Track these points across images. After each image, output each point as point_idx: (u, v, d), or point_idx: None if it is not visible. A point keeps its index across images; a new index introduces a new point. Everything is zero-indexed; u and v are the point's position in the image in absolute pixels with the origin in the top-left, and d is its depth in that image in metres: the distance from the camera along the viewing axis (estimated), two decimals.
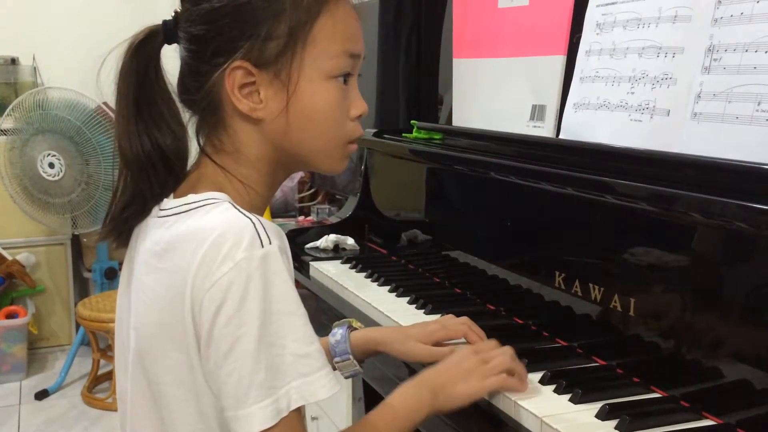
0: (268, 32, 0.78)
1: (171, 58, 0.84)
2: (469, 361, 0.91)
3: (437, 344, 1.01)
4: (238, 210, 0.76)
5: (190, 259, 0.73)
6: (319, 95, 0.81)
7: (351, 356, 1.02)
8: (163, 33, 0.82)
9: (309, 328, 0.75)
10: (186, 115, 0.84)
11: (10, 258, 3.18)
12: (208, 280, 0.72)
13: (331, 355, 1.02)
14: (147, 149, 0.80)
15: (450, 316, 1.07)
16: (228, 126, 0.82)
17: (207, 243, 0.72)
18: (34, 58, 3.39)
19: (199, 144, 0.85)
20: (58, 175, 2.99)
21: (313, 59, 0.79)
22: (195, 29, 0.79)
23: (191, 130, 0.85)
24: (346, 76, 0.83)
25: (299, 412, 0.75)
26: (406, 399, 0.87)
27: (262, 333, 0.71)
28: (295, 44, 0.78)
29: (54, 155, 2.98)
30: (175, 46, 0.83)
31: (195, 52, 0.80)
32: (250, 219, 0.74)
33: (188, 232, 0.75)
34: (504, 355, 0.93)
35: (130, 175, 0.82)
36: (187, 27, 0.80)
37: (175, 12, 0.82)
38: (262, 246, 0.72)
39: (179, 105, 0.83)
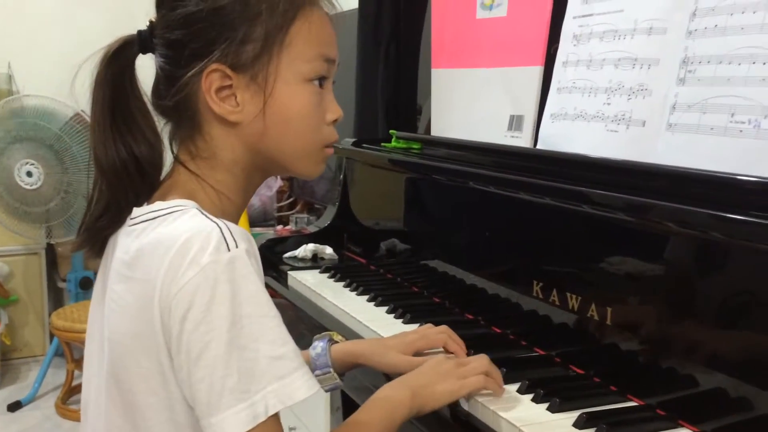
0: (244, 35, 0.78)
1: (144, 68, 0.84)
2: (447, 364, 0.93)
3: (417, 354, 1.01)
4: (205, 215, 0.76)
5: (157, 266, 0.73)
6: (296, 98, 0.81)
7: (332, 369, 1.01)
8: (138, 42, 0.82)
9: (282, 329, 0.74)
10: (161, 125, 0.84)
11: None
12: (175, 286, 0.71)
13: (312, 368, 1.02)
14: (122, 157, 0.80)
15: (428, 325, 1.07)
16: (204, 131, 0.82)
17: (174, 249, 0.72)
18: (9, 66, 3.35)
19: (172, 152, 0.85)
20: (36, 183, 2.95)
21: (290, 62, 0.80)
22: (172, 34, 0.79)
23: (166, 139, 0.85)
24: (321, 80, 0.83)
25: (278, 417, 0.74)
26: (388, 396, 0.88)
27: (232, 337, 0.71)
28: (271, 47, 0.79)
29: (32, 164, 2.94)
30: (149, 55, 0.83)
31: (171, 57, 0.80)
32: (216, 224, 0.74)
33: (155, 240, 0.75)
34: (481, 359, 0.94)
35: (106, 184, 0.81)
36: (163, 33, 0.80)
37: (150, 21, 0.82)
38: (229, 250, 0.72)
39: (154, 114, 0.83)
